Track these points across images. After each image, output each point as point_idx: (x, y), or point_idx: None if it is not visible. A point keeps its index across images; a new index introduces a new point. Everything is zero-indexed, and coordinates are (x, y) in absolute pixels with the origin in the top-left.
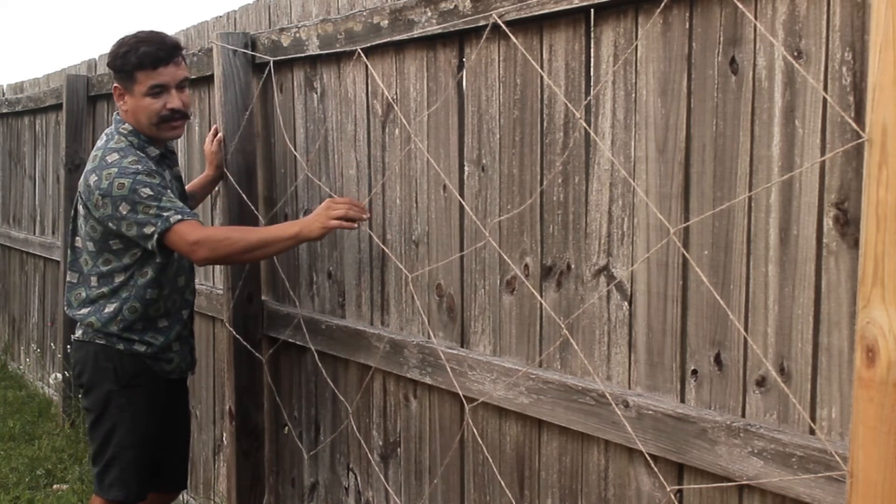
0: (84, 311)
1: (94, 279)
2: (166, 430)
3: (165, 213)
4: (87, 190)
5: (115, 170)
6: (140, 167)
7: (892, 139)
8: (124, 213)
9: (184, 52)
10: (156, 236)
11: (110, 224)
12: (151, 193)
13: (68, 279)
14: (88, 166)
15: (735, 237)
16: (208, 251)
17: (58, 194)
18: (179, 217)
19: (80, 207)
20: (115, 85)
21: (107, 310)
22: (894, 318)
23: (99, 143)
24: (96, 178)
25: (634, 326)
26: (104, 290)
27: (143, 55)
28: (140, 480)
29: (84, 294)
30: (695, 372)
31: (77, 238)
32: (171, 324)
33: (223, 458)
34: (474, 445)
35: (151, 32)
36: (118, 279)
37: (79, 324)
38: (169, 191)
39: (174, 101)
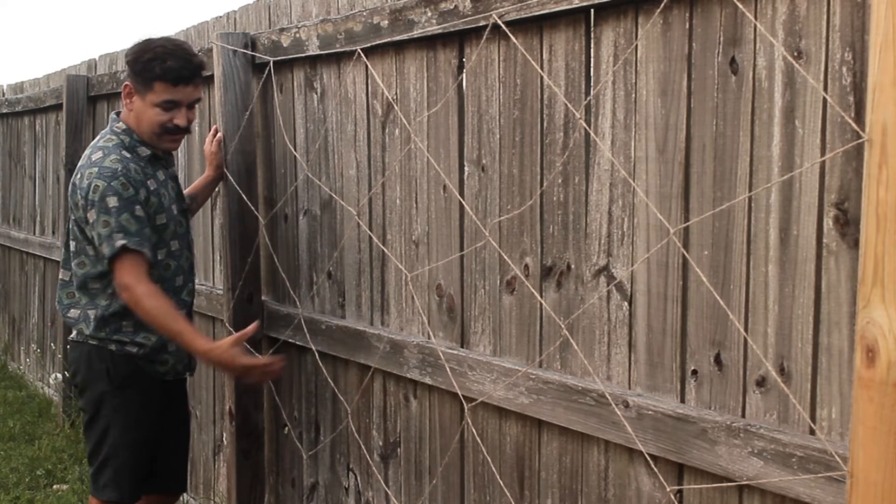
0: (72, 313)
1: (81, 280)
2: (162, 432)
3: (114, 236)
4: (72, 188)
5: (96, 169)
6: (119, 168)
7: (893, 139)
8: (91, 219)
9: (204, 73)
10: (107, 260)
11: (83, 225)
12: (116, 206)
13: (60, 276)
14: (79, 164)
15: (735, 237)
16: (130, 300)
17: (58, 194)
18: (123, 243)
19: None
20: (128, 83)
21: (91, 315)
22: (894, 318)
23: (93, 141)
24: (80, 176)
25: (634, 326)
26: (90, 290)
27: (168, 69)
28: (133, 482)
29: (74, 294)
30: (695, 372)
31: (69, 237)
32: None
33: (223, 459)
34: (474, 446)
35: (178, 46)
36: (102, 281)
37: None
38: (138, 206)
39: (181, 118)
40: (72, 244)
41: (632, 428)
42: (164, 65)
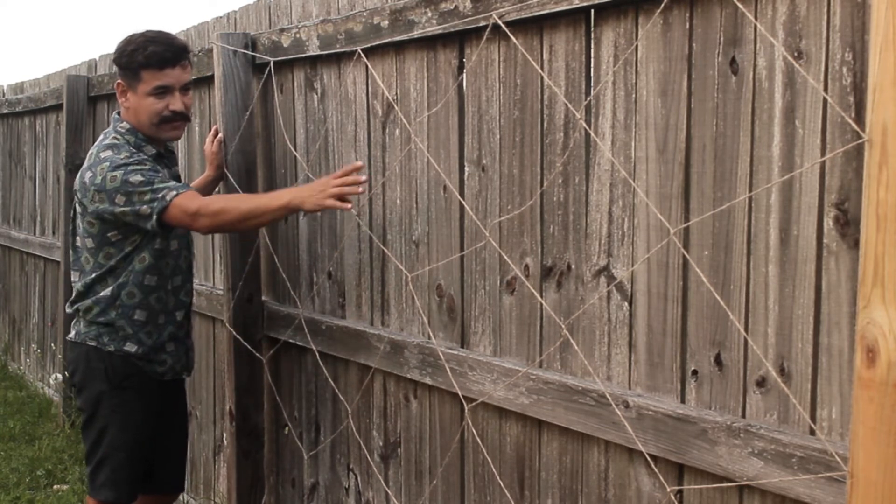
0: (86, 301)
1: (95, 275)
2: (160, 432)
3: (160, 193)
4: (82, 187)
5: (108, 164)
6: (131, 159)
7: (893, 139)
8: (121, 204)
9: (190, 55)
10: (154, 216)
11: (108, 216)
12: (143, 179)
13: (72, 279)
14: (84, 164)
15: (735, 237)
16: (209, 220)
17: (58, 194)
18: (175, 192)
19: (77, 206)
20: (119, 81)
21: (104, 293)
22: (894, 318)
23: (96, 141)
24: (91, 174)
25: (635, 327)
26: (97, 290)
27: (151, 55)
28: (130, 482)
29: (84, 288)
30: (695, 372)
31: (77, 237)
32: (165, 323)
33: (223, 459)
34: (474, 446)
35: (160, 33)
36: (117, 266)
37: (73, 324)
38: (160, 174)
39: (177, 103)
40: (87, 241)
41: (632, 428)
42: (147, 51)
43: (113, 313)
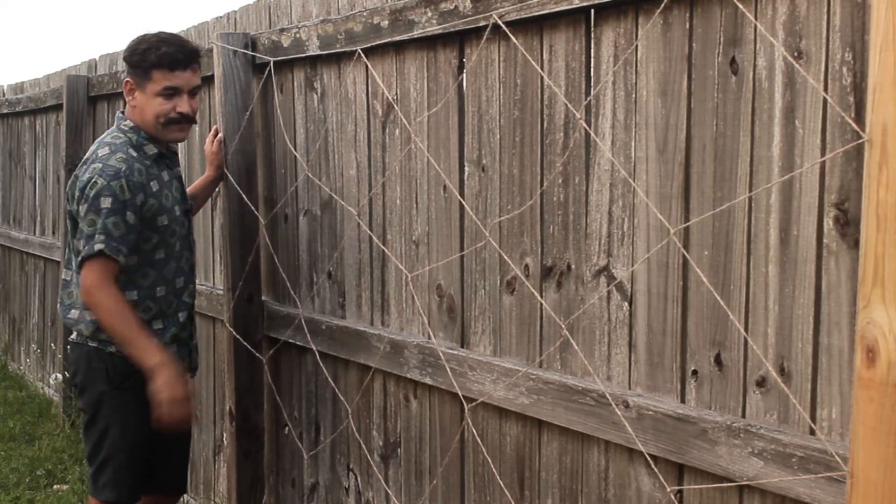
0: (73, 314)
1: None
2: (162, 433)
3: (96, 237)
4: (73, 179)
5: (100, 165)
6: (123, 168)
7: (893, 139)
8: (81, 213)
9: (201, 59)
10: (82, 258)
11: (77, 218)
12: (108, 207)
13: (63, 276)
14: (84, 157)
15: (735, 237)
16: (89, 300)
17: (58, 194)
18: (101, 248)
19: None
20: (128, 79)
21: (90, 318)
22: (894, 318)
23: (99, 137)
24: (83, 169)
25: (635, 327)
26: None
27: (163, 55)
28: (132, 482)
29: (75, 294)
30: (695, 372)
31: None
32: (167, 326)
33: (223, 459)
34: (474, 446)
35: (172, 35)
36: None
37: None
38: (130, 212)
39: (184, 105)
40: (73, 243)
41: (632, 428)
42: (159, 52)
43: (103, 335)
